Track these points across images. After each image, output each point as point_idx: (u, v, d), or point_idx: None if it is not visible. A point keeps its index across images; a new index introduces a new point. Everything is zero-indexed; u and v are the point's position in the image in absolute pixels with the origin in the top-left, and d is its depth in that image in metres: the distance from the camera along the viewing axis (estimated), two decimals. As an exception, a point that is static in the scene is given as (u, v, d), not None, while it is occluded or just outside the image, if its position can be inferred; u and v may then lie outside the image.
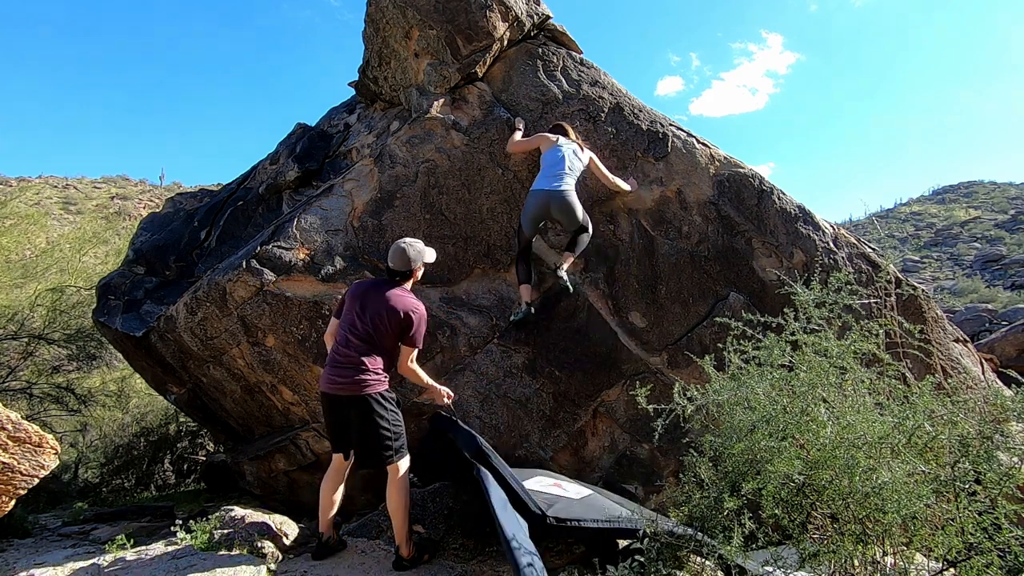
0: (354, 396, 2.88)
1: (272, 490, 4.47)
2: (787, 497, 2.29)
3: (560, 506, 2.83)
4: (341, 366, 2.91)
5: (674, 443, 3.80)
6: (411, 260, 3.04)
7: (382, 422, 2.89)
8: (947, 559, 2.14)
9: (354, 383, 2.87)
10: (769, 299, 4.09)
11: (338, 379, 2.90)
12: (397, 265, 3.04)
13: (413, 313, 2.96)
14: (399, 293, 3.00)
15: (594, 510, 2.89)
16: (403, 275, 3.06)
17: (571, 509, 2.83)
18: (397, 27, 4.47)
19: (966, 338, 4.73)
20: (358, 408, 2.89)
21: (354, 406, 2.90)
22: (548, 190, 3.89)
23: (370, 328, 2.93)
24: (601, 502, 3.06)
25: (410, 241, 3.10)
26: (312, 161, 4.78)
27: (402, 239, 3.12)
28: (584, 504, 2.97)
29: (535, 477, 3.28)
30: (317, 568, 2.94)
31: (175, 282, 4.65)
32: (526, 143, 4.17)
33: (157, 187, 31.20)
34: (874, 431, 2.20)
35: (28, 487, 2.93)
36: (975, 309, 16.97)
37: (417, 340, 3.01)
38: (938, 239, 32.27)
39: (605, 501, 3.11)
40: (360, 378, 2.88)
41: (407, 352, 3.03)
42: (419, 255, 3.08)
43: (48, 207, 21.53)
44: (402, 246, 3.06)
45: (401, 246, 3.06)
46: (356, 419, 2.91)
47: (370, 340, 2.93)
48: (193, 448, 8.20)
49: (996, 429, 2.11)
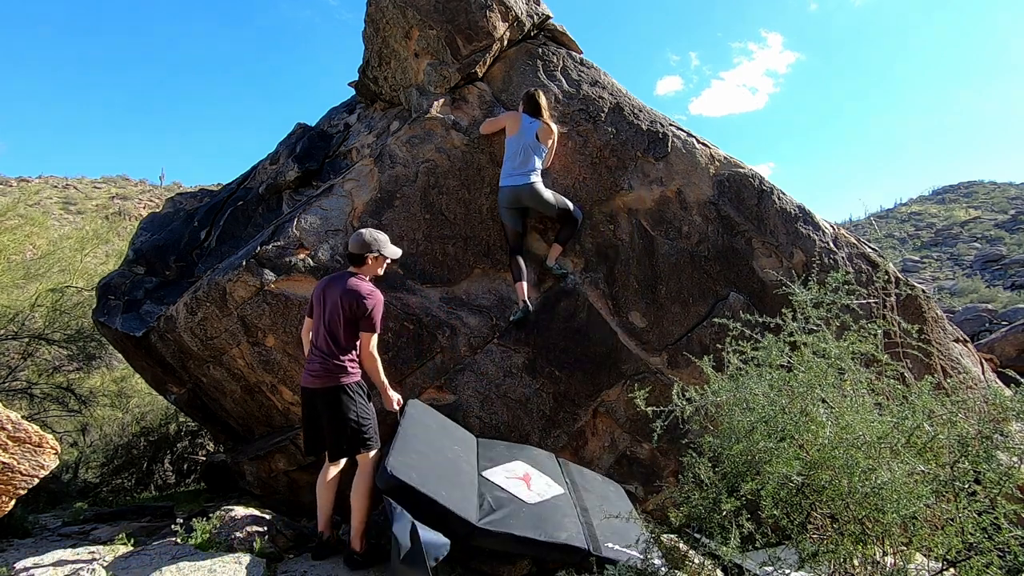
0: (324, 388, 2.94)
1: (272, 490, 4.47)
2: (786, 497, 2.29)
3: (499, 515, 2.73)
4: (313, 360, 2.99)
5: (674, 443, 3.80)
6: (366, 244, 3.05)
7: (350, 413, 2.92)
8: (947, 559, 2.14)
9: (325, 374, 2.94)
10: (769, 299, 4.09)
11: (311, 373, 2.98)
12: (352, 248, 3.07)
13: (367, 297, 2.96)
14: (354, 281, 3.01)
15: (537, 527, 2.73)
16: (358, 259, 3.06)
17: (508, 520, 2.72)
18: (397, 27, 4.47)
19: (966, 338, 4.73)
20: (326, 399, 2.94)
21: (323, 397, 2.95)
22: (513, 186, 3.98)
23: (331, 318, 2.97)
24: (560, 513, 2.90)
25: (371, 230, 3.13)
26: (312, 161, 4.78)
27: (362, 229, 3.14)
28: (533, 513, 2.84)
29: (512, 463, 3.24)
30: (317, 568, 2.94)
31: (175, 282, 4.65)
32: (495, 123, 4.22)
33: (157, 187, 31.19)
34: (873, 431, 2.20)
35: (28, 487, 2.93)
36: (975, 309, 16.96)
37: (373, 323, 2.98)
38: (938, 239, 32.25)
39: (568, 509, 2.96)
40: (329, 369, 2.94)
41: (366, 338, 3.00)
42: (375, 242, 3.08)
43: (48, 207, 21.53)
44: (360, 231, 3.10)
45: (359, 231, 3.10)
46: (325, 410, 2.95)
47: (333, 331, 2.97)
48: (193, 448, 8.19)
49: (996, 429, 2.11)
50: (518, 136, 4.03)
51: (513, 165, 4.00)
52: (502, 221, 4.09)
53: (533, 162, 4.01)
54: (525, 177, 3.98)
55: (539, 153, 4.05)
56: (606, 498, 3.37)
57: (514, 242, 4.06)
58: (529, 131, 4.03)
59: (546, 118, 4.12)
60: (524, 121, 4.05)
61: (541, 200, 4.00)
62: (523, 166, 3.98)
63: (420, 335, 3.90)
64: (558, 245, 4.10)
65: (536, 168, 4.02)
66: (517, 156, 4.00)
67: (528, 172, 3.98)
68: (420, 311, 3.94)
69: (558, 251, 4.10)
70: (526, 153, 4.00)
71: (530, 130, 4.04)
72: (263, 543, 3.04)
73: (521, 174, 3.98)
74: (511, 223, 4.05)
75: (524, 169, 3.98)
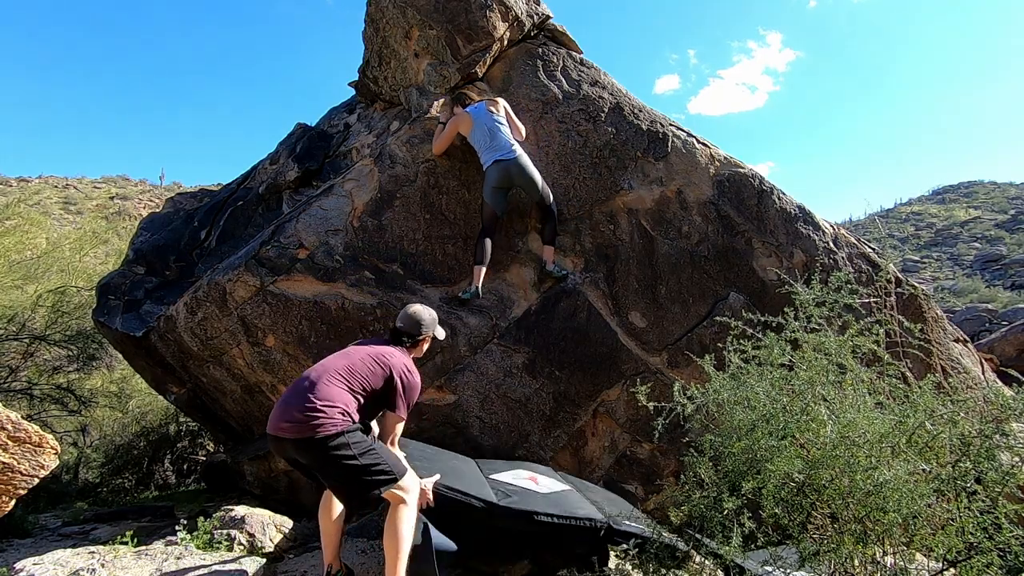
0: (299, 440, 2.26)
1: (272, 490, 4.47)
2: (787, 497, 2.29)
3: (517, 499, 2.78)
4: (290, 404, 2.32)
5: (674, 443, 3.80)
6: (423, 325, 2.73)
7: (347, 461, 2.26)
8: (947, 559, 2.14)
9: (303, 422, 2.24)
10: (769, 299, 4.09)
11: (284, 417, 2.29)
12: (407, 326, 2.71)
13: (407, 375, 2.53)
14: (398, 352, 2.63)
15: (556, 506, 2.79)
16: (409, 339, 2.72)
17: (527, 502, 2.77)
18: (397, 27, 4.47)
19: (966, 338, 4.73)
20: (309, 454, 2.29)
21: (303, 451, 2.30)
22: (503, 160, 3.92)
23: (351, 369, 2.44)
24: (574, 500, 2.98)
25: (423, 307, 2.83)
26: (312, 161, 4.78)
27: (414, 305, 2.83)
28: (548, 499, 2.89)
29: (514, 471, 3.27)
30: (317, 568, 2.94)
31: (175, 282, 4.65)
32: (445, 137, 4.11)
33: (157, 187, 31.18)
34: (875, 430, 2.20)
35: (28, 487, 2.93)
36: (975, 309, 16.97)
37: (402, 406, 2.51)
38: (938, 239, 32.27)
39: (580, 499, 3.03)
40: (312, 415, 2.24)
41: (393, 422, 2.54)
42: (433, 322, 2.80)
43: (48, 207, 21.53)
44: (413, 309, 2.76)
45: (412, 309, 2.77)
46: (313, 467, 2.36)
47: (342, 376, 2.41)
48: (193, 448, 8.19)
49: (997, 428, 2.11)
50: (477, 125, 4.00)
51: (492, 149, 3.95)
52: (484, 201, 3.99)
53: (506, 137, 3.97)
54: (510, 152, 3.93)
55: (503, 126, 4.00)
56: (609, 498, 3.42)
57: (489, 224, 3.98)
58: (481, 114, 4.01)
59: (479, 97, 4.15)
60: (471, 112, 4.04)
61: (529, 178, 3.95)
62: (500, 144, 3.95)
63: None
64: (549, 247, 4.06)
65: (512, 143, 3.97)
66: (488, 139, 3.96)
67: (509, 147, 3.94)
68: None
69: (551, 252, 4.06)
70: (493, 132, 3.96)
71: (481, 112, 4.02)
72: (263, 543, 3.04)
73: (502, 151, 3.93)
74: (494, 204, 3.95)
75: (502, 146, 3.94)
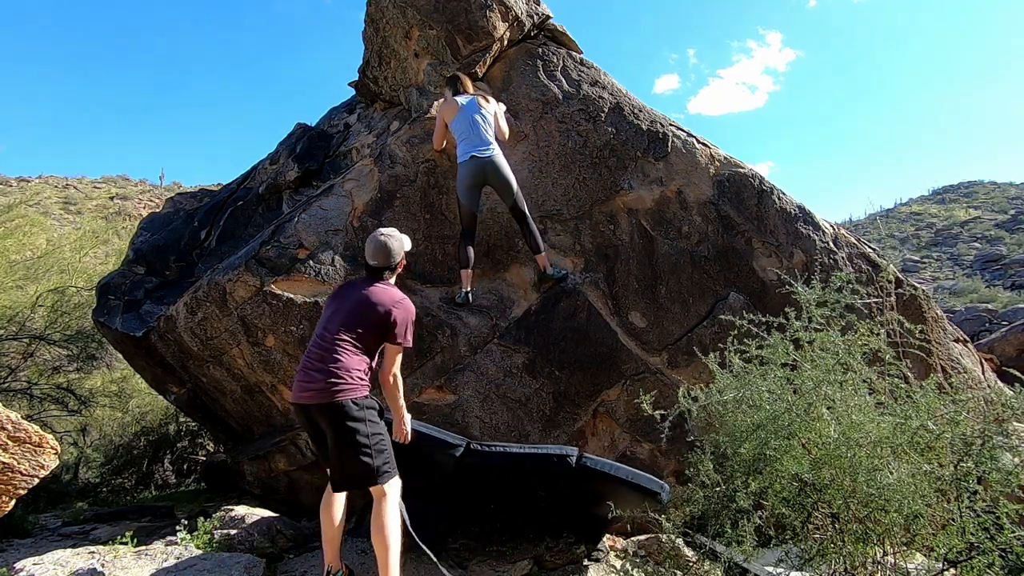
0: (323, 404, 2.43)
1: (272, 490, 4.47)
2: (790, 496, 2.29)
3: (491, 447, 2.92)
4: (310, 370, 2.48)
5: (674, 443, 3.79)
6: (393, 254, 2.70)
7: (359, 436, 2.41)
8: (948, 559, 2.14)
9: (324, 388, 2.42)
10: (769, 299, 4.09)
11: (306, 385, 2.47)
12: (380, 261, 2.68)
13: (397, 306, 2.58)
14: (382, 286, 2.65)
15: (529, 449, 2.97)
16: (388, 271, 2.72)
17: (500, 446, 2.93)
18: (397, 27, 4.47)
19: (966, 338, 4.73)
20: (328, 417, 2.43)
21: (324, 415, 2.44)
22: (477, 156, 3.80)
23: (348, 325, 2.53)
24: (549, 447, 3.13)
25: (388, 232, 2.75)
26: (312, 161, 4.78)
27: (378, 230, 2.76)
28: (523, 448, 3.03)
29: None
30: (317, 568, 2.94)
31: (175, 282, 4.65)
32: (438, 126, 4.06)
33: (157, 187, 31.16)
34: (878, 430, 2.20)
35: (28, 487, 2.93)
36: (975, 309, 16.96)
37: (403, 337, 2.58)
38: (938, 239, 32.26)
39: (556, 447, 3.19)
40: (331, 381, 2.42)
41: (393, 353, 2.60)
42: (401, 245, 2.75)
43: (48, 207, 21.51)
44: (382, 239, 2.69)
45: (380, 239, 2.69)
46: (328, 431, 2.46)
47: (346, 339, 2.52)
48: (193, 448, 8.19)
49: (998, 429, 2.11)
50: (460, 114, 3.89)
51: (469, 142, 3.84)
52: (459, 201, 3.90)
53: (486, 134, 3.86)
54: (486, 148, 3.82)
55: (487, 123, 3.89)
56: None
57: (468, 224, 3.87)
58: (469, 105, 3.91)
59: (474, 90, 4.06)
60: (460, 100, 3.95)
61: (503, 177, 3.83)
62: (478, 139, 3.83)
63: (420, 335, 3.89)
64: (539, 255, 3.95)
65: (491, 141, 3.87)
66: (468, 131, 3.85)
67: (487, 144, 3.84)
68: (420, 311, 3.92)
69: (544, 259, 3.97)
70: (475, 125, 3.85)
71: (469, 104, 3.92)
72: (263, 543, 3.04)
73: (479, 147, 3.82)
74: (470, 203, 3.86)
75: (480, 142, 3.83)
